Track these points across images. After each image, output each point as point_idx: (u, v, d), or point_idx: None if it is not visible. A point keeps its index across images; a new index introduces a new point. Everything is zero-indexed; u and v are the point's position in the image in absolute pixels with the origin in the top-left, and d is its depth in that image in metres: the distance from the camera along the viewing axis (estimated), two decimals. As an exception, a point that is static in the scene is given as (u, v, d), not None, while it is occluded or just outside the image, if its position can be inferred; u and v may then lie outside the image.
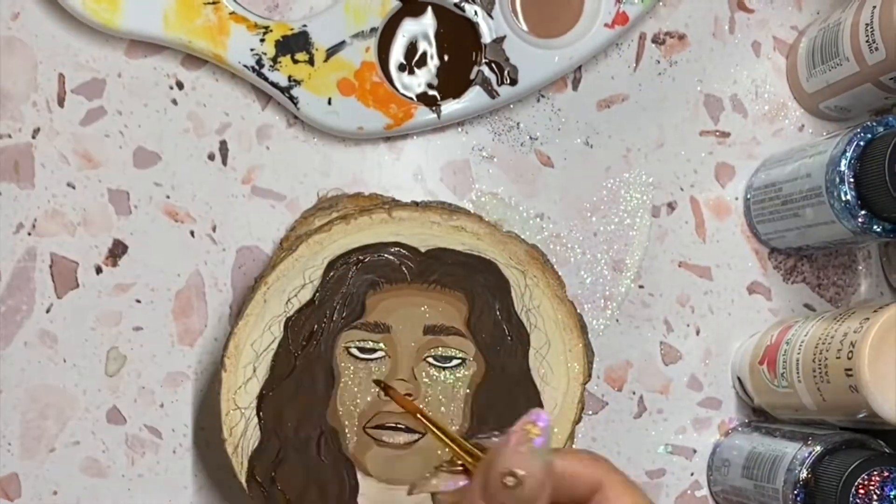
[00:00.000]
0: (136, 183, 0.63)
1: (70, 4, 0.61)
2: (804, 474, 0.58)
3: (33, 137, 0.62)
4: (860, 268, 0.68)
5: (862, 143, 0.58)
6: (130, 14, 0.61)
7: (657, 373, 0.66)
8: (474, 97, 0.63)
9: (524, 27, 0.64)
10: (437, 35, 0.63)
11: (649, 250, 0.66)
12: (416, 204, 0.59)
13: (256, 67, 0.62)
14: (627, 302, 0.66)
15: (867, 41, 0.60)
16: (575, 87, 0.66)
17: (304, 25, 0.62)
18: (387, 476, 0.58)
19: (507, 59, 0.63)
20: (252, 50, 0.62)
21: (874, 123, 0.59)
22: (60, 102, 0.62)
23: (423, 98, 0.63)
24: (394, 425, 0.57)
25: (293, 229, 0.62)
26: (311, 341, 0.58)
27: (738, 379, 0.66)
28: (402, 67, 0.63)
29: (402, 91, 0.63)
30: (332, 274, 0.58)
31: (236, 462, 0.57)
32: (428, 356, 0.58)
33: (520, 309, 0.59)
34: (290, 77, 0.62)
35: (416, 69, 0.63)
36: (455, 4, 0.63)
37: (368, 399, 0.58)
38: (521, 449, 0.44)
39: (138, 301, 0.62)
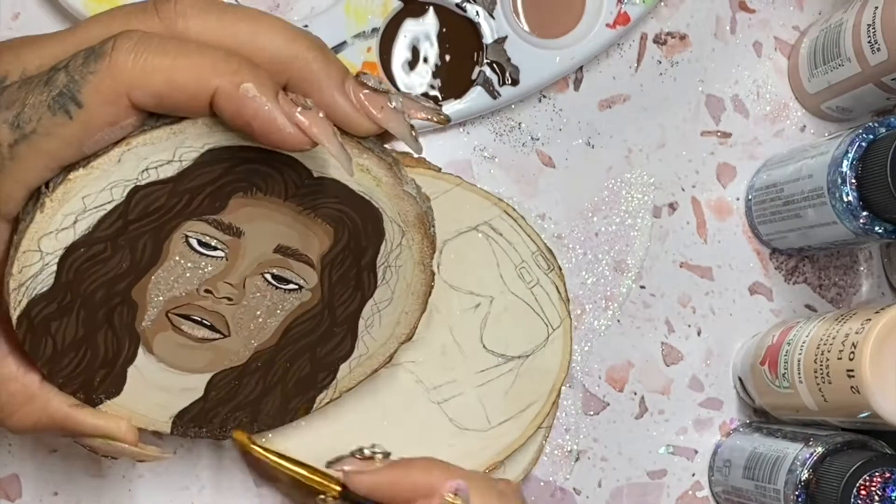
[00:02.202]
0: (137, 183, 0.63)
1: (70, 4, 0.61)
2: (805, 475, 0.58)
3: (34, 138, 0.62)
4: (862, 269, 0.68)
5: (864, 144, 0.58)
6: (131, 14, 0.60)
7: (658, 373, 0.66)
8: (476, 97, 0.63)
9: (526, 27, 0.64)
10: (438, 35, 0.63)
11: (650, 251, 0.66)
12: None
13: None
14: (629, 302, 0.66)
15: (869, 42, 0.60)
16: (576, 88, 0.66)
17: (305, 26, 0.62)
18: (169, 359, 0.53)
19: (508, 60, 0.63)
20: None
21: (876, 124, 0.59)
22: (61, 103, 0.62)
23: (425, 98, 0.63)
24: (199, 319, 0.53)
25: None
26: (151, 216, 0.51)
27: (740, 379, 0.66)
28: (403, 68, 0.63)
29: (403, 92, 0.63)
30: (207, 161, 0.50)
31: (14, 299, 0.49)
32: (267, 272, 0.53)
33: (380, 263, 0.54)
34: None
35: (417, 70, 0.63)
36: (456, 5, 0.63)
37: (185, 290, 0.52)
38: None
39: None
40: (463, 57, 0.63)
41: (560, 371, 0.61)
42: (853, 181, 0.58)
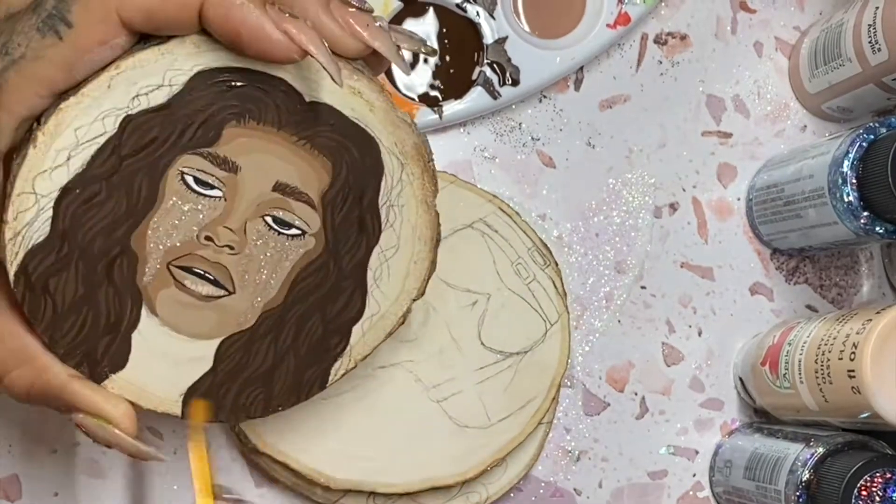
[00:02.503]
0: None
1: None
2: (806, 476, 0.58)
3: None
4: (862, 269, 0.67)
5: (865, 144, 0.58)
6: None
7: (659, 374, 0.66)
8: (476, 98, 0.63)
9: (526, 28, 0.64)
10: (439, 36, 0.63)
11: (651, 251, 0.66)
12: None
13: None
14: (629, 302, 0.66)
15: (870, 42, 0.60)
16: (577, 88, 0.66)
17: None
18: (174, 322, 0.51)
19: (509, 60, 0.63)
20: None
21: (877, 124, 0.59)
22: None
23: (425, 99, 0.63)
24: (202, 273, 0.50)
25: None
26: (145, 150, 0.49)
27: (741, 380, 0.66)
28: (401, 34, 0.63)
29: (403, 92, 0.63)
30: (197, 86, 0.48)
31: (11, 251, 0.48)
32: (267, 215, 0.50)
33: (382, 202, 0.51)
34: None
35: (417, 70, 0.63)
36: (457, 5, 0.63)
37: (185, 236, 0.50)
38: None
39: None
40: (463, 57, 0.63)
41: (559, 366, 0.61)
42: (854, 181, 0.58)
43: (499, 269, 0.61)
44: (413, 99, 0.63)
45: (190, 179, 0.49)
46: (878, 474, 0.56)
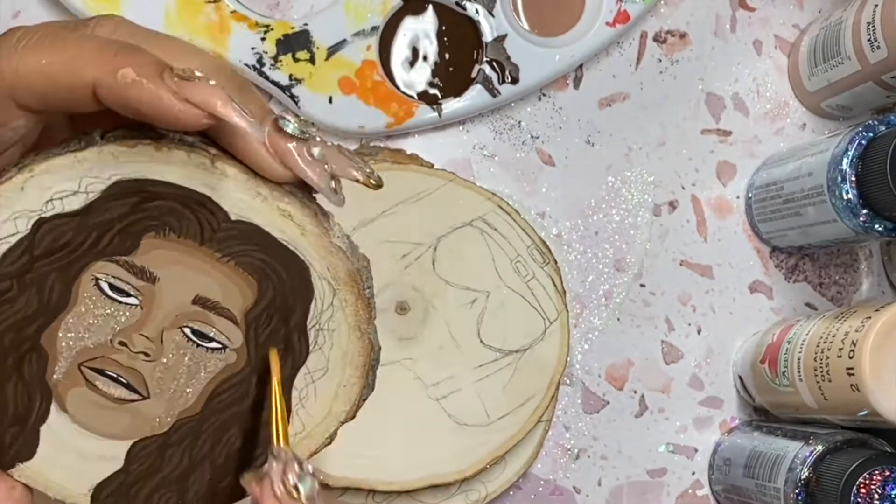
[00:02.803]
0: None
1: (71, 3, 0.61)
2: (805, 473, 0.58)
3: (34, 136, 0.62)
4: (862, 267, 0.67)
5: (864, 142, 0.58)
6: (131, 13, 0.61)
7: (658, 372, 0.66)
8: (475, 96, 0.63)
9: (525, 26, 0.64)
10: (438, 33, 0.63)
11: (650, 249, 0.66)
12: (247, 168, 0.48)
13: (257, 66, 0.62)
14: (628, 301, 0.66)
15: (869, 39, 0.60)
16: (576, 86, 0.66)
17: (305, 24, 0.62)
18: (83, 420, 0.50)
19: (508, 58, 0.63)
20: (253, 48, 0.62)
21: (876, 122, 0.59)
22: (61, 101, 0.62)
23: (425, 96, 0.63)
24: (115, 376, 0.49)
25: None
26: (58, 253, 0.48)
27: (740, 378, 0.66)
28: (403, 66, 0.63)
29: (403, 89, 0.63)
30: (114, 195, 0.48)
31: None
32: (186, 326, 0.49)
33: (311, 325, 0.50)
34: (290, 76, 0.62)
35: (417, 68, 0.63)
36: (456, 3, 0.63)
37: (98, 339, 0.49)
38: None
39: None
40: (463, 55, 0.63)
41: (558, 364, 0.61)
42: (853, 179, 0.58)
43: (498, 267, 0.61)
44: (412, 97, 0.63)
45: (104, 285, 0.48)
46: (876, 472, 0.56)
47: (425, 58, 0.63)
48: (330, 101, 0.62)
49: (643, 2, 0.64)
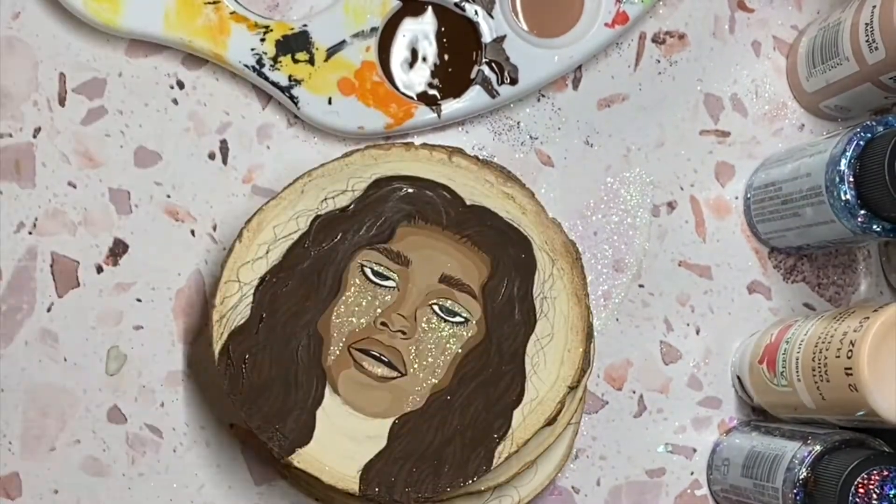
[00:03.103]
0: (137, 182, 0.63)
1: (71, 4, 0.61)
2: (804, 473, 0.58)
3: (34, 137, 0.62)
4: (860, 267, 0.68)
5: (862, 143, 0.58)
6: (131, 14, 0.61)
7: (657, 372, 0.66)
8: (474, 97, 0.63)
9: (524, 27, 0.64)
10: (437, 34, 0.63)
11: (649, 250, 0.66)
12: (477, 158, 0.60)
13: (257, 67, 0.62)
14: (627, 301, 0.66)
15: (867, 41, 0.60)
16: (575, 87, 0.66)
17: (305, 25, 0.62)
18: (353, 400, 0.57)
19: (507, 59, 0.63)
20: (252, 49, 0.62)
21: (874, 123, 0.59)
22: (61, 102, 0.62)
23: (424, 97, 0.63)
24: (378, 355, 0.57)
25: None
26: (330, 245, 0.58)
27: (738, 378, 0.66)
28: (402, 67, 0.63)
29: (402, 90, 0.63)
30: (375, 191, 0.58)
31: (217, 331, 0.57)
32: (435, 303, 0.58)
33: (537, 293, 0.58)
34: (290, 77, 0.62)
35: (416, 69, 0.63)
36: (455, 4, 0.63)
37: (364, 321, 0.57)
38: None
39: (139, 300, 0.63)
40: (462, 56, 0.63)
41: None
42: (851, 180, 0.58)
43: None
44: (411, 98, 0.63)
45: (368, 271, 0.58)
46: (875, 472, 0.56)
47: (424, 59, 0.63)
48: (329, 102, 0.62)
49: (642, 3, 0.64)
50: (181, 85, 0.63)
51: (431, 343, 0.57)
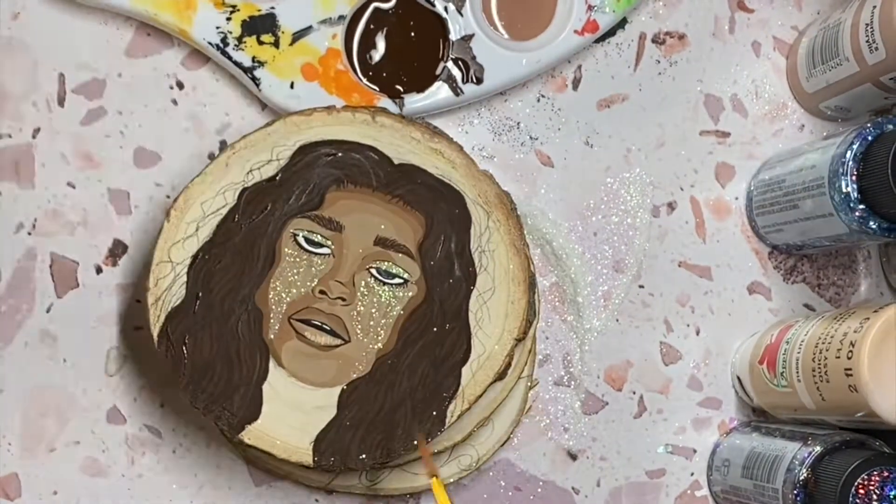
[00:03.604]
0: (137, 183, 0.63)
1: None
2: (804, 474, 0.58)
3: (34, 137, 0.62)
4: (860, 268, 0.68)
5: (870, 138, 0.59)
6: (99, -16, 0.61)
7: (657, 373, 0.66)
8: (438, 93, 0.63)
9: (494, 28, 0.64)
10: (405, 28, 0.63)
11: (649, 250, 0.66)
12: (401, 116, 0.59)
13: (221, 46, 0.61)
14: (627, 302, 0.66)
15: (867, 41, 0.60)
16: (575, 87, 0.66)
17: (272, 7, 0.62)
18: (298, 372, 0.57)
19: (473, 58, 0.63)
20: (218, 28, 0.61)
21: (884, 120, 0.59)
22: (61, 102, 0.62)
23: (387, 89, 0.63)
24: (319, 324, 0.57)
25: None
26: (261, 216, 0.57)
27: (738, 379, 0.66)
28: (367, 57, 0.63)
29: (365, 81, 0.62)
30: (300, 158, 0.57)
31: (153, 314, 0.56)
32: (372, 267, 0.57)
33: (474, 248, 0.58)
34: (253, 58, 0.62)
35: (381, 61, 0.63)
36: (425, -1, 0.63)
37: (302, 291, 0.57)
38: None
39: (138, 301, 0.62)
40: (428, 51, 0.63)
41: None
42: (854, 174, 0.58)
43: None
44: (375, 89, 0.62)
45: (301, 240, 0.57)
46: (875, 473, 0.56)
47: (390, 51, 0.63)
48: (291, 86, 0.62)
49: (613, 12, 0.64)
50: (181, 85, 0.63)
51: (373, 307, 0.57)
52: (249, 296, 0.56)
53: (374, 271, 0.57)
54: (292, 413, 0.56)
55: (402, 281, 0.57)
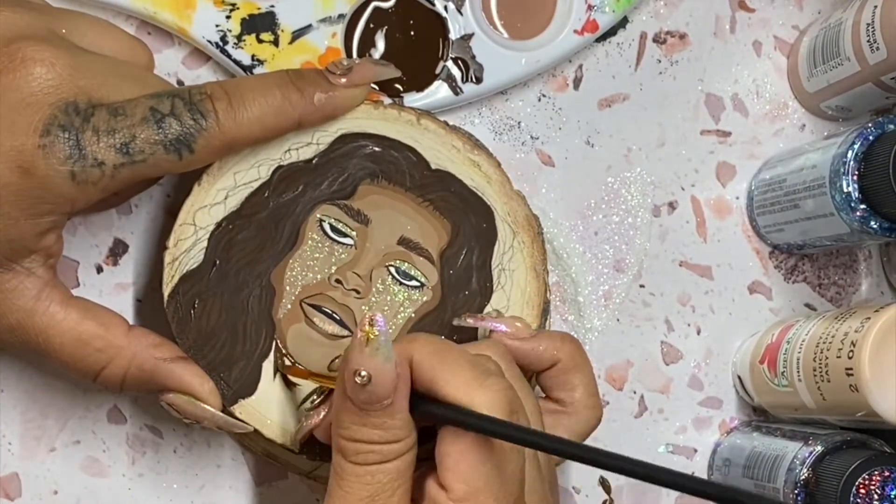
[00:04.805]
0: (137, 182, 0.63)
1: (71, 2, 0.61)
2: (805, 474, 0.58)
3: (34, 137, 0.62)
4: (861, 267, 0.68)
5: (871, 138, 0.59)
6: (94, -19, 0.61)
7: (658, 372, 0.66)
8: (438, 92, 0.63)
9: (493, 27, 0.64)
10: (404, 27, 0.63)
11: (650, 250, 0.66)
12: (445, 123, 0.59)
13: (220, 44, 0.61)
14: (628, 301, 0.66)
15: (868, 41, 0.60)
16: (576, 87, 0.66)
17: (272, 6, 0.62)
18: (300, 356, 0.56)
19: (473, 57, 0.63)
20: (217, 26, 0.61)
21: (886, 120, 0.59)
22: (61, 102, 0.62)
23: (387, 88, 0.62)
24: (329, 312, 0.57)
25: None
26: (290, 196, 0.57)
27: (739, 378, 0.66)
28: (367, 56, 0.63)
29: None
30: (339, 146, 0.57)
31: (168, 273, 0.56)
32: (391, 265, 0.57)
33: (495, 264, 0.58)
34: (253, 56, 0.61)
35: (380, 60, 0.63)
36: (425, -3, 0.63)
37: (318, 277, 0.56)
38: (364, 350, 0.48)
39: (139, 301, 0.62)
40: (427, 51, 0.63)
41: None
42: (856, 173, 0.58)
43: None
44: (374, 87, 0.62)
45: (327, 226, 0.57)
46: (876, 472, 0.56)
47: (389, 50, 0.63)
48: None
49: (613, 12, 0.64)
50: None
51: (385, 305, 0.57)
52: (266, 272, 0.56)
53: (392, 270, 0.57)
54: (287, 395, 0.56)
55: (418, 284, 0.57)
